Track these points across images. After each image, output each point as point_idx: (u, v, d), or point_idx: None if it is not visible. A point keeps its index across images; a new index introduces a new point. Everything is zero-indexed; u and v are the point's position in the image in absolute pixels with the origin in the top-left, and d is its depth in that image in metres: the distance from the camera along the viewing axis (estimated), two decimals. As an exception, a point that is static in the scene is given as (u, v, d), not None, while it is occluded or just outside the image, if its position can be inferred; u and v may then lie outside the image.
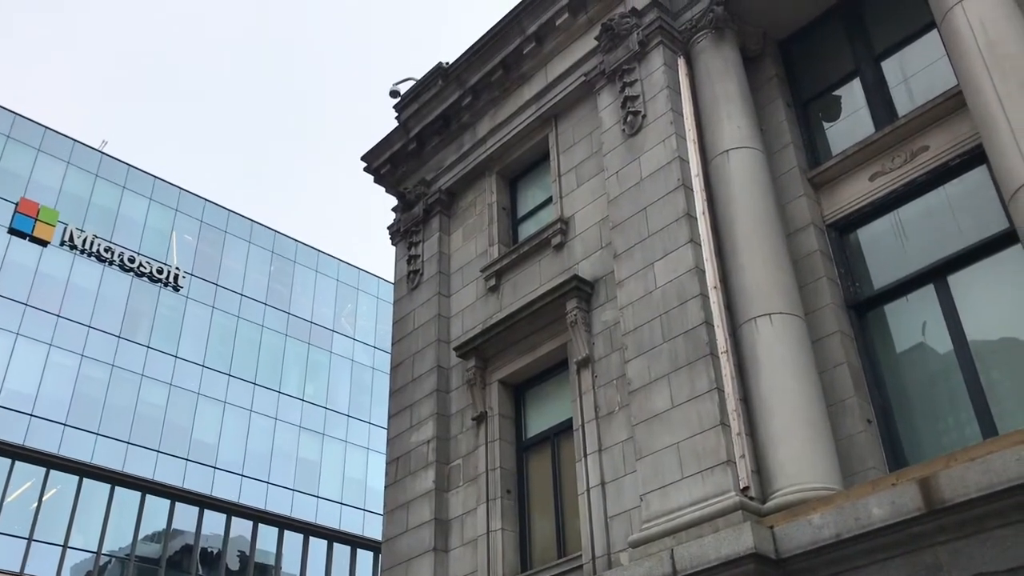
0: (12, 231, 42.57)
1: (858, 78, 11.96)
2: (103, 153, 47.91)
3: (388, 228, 16.25)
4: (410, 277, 15.13)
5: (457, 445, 13.00)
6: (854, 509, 8.25)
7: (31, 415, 40.20)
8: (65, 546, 39.22)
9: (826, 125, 12.21)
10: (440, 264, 14.76)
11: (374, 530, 45.54)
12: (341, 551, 46.93)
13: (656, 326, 10.73)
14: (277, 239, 52.59)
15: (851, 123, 11.81)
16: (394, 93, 17.34)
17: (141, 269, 46.11)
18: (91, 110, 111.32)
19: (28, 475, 39.80)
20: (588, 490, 10.86)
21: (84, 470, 40.83)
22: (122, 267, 45.60)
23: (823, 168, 11.45)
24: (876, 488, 8.32)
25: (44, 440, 40.12)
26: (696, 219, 11.07)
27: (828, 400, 9.93)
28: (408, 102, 16.44)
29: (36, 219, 43.48)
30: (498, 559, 11.57)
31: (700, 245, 10.86)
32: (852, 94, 12.02)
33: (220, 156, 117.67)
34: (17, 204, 43.16)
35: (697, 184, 11.35)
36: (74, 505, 40.26)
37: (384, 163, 16.51)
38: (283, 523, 45.40)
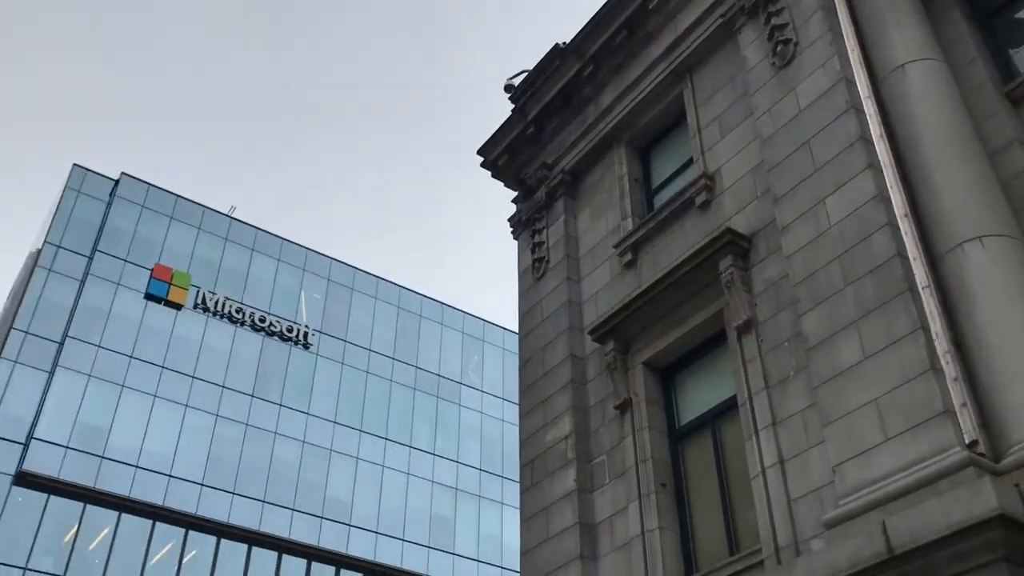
0: (148, 296, 43.64)
1: (1055, -19, 10.02)
2: (232, 218, 49.00)
3: (509, 220, 14.93)
4: (535, 266, 13.69)
5: (599, 439, 11.32)
6: None
7: (170, 475, 40.40)
8: (207, 609, 38.96)
9: (1015, 41, 10.25)
10: (568, 248, 13.28)
11: (513, 588, 43.58)
12: (481, 611, 45.21)
13: (835, 268, 8.91)
14: (402, 294, 52.42)
15: (1050, 31, 9.84)
16: (509, 87, 16.22)
17: (272, 328, 46.46)
18: (220, 177, 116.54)
19: (168, 536, 39.87)
20: (763, 471, 8.99)
21: (222, 530, 40.65)
22: (253, 327, 46.04)
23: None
24: None
25: (183, 501, 40.21)
26: (873, 143, 9.27)
27: (1065, 339, 7.86)
28: (524, 88, 15.24)
29: (170, 283, 44.49)
30: (658, 563, 9.74)
31: (881, 170, 9.04)
32: (1048, -1, 10.06)
33: (337, 209, 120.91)
34: (152, 270, 44.30)
35: (870, 106, 9.55)
36: (212, 566, 40.04)
37: (501, 153, 15.26)
38: (420, 582, 44.07)
